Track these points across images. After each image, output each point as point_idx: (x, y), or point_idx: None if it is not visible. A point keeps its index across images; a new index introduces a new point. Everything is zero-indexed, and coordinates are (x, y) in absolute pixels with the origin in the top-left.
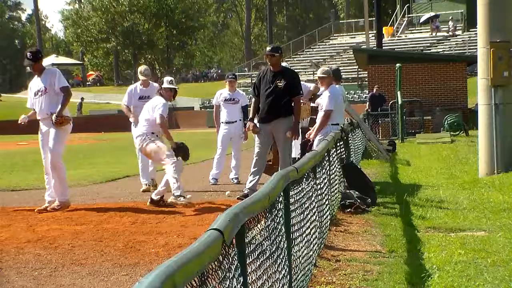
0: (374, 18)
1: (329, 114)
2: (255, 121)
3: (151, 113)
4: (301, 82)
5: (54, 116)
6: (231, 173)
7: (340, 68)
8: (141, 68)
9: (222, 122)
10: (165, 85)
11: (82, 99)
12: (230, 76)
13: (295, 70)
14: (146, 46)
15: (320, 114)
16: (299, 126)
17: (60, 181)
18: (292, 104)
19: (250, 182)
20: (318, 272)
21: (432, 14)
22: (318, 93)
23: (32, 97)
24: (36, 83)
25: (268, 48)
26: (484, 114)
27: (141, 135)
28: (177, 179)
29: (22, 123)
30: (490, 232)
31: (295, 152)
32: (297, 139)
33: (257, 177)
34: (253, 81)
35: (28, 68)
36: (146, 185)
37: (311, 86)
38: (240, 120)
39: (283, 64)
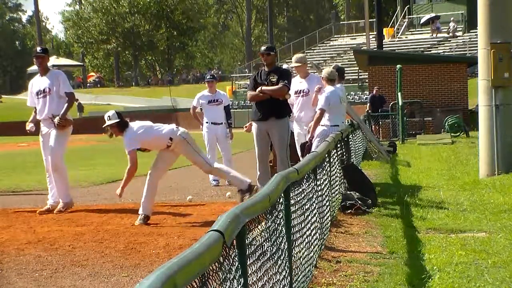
0: (374, 19)
1: (322, 113)
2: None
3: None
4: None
5: (57, 119)
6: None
7: None
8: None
9: (206, 122)
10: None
11: (77, 100)
12: (208, 78)
13: (295, 71)
14: (147, 47)
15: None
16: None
17: (62, 182)
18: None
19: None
20: (318, 273)
21: (433, 15)
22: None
23: (34, 96)
24: (38, 82)
25: (262, 48)
26: (484, 115)
27: None
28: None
29: (30, 131)
30: (491, 233)
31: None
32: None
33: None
34: None
35: (36, 65)
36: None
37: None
38: (224, 123)
39: (284, 66)
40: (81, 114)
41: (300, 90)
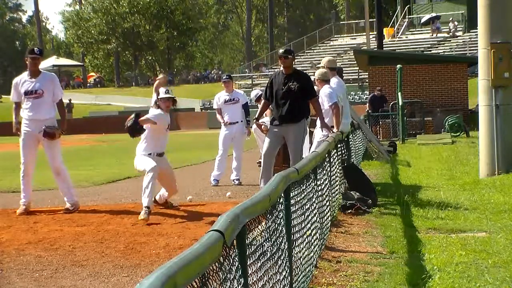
0: (374, 19)
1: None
2: (265, 120)
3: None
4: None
5: (59, 131)
6: (232, 174)
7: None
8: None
9: (223, 123)
10: (162, 95)
11: (70, 100)
12: (224, 78)
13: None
14: (147, 47)
15: (331, 113)
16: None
17: (66, 184)
18: (309, 106)
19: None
20: (319, 273)
21: (433, 15)
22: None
23: (22, 95)
24: (28, 82)
25: (281, 51)
26: (484, 115)
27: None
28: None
29: (19, 132)
30: (491, 233)
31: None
32: (331, 131)
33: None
34: (253, 82)
35: (29, 64)
36: None
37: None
38: (241, 121)
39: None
40: (70, 115)
41: None
